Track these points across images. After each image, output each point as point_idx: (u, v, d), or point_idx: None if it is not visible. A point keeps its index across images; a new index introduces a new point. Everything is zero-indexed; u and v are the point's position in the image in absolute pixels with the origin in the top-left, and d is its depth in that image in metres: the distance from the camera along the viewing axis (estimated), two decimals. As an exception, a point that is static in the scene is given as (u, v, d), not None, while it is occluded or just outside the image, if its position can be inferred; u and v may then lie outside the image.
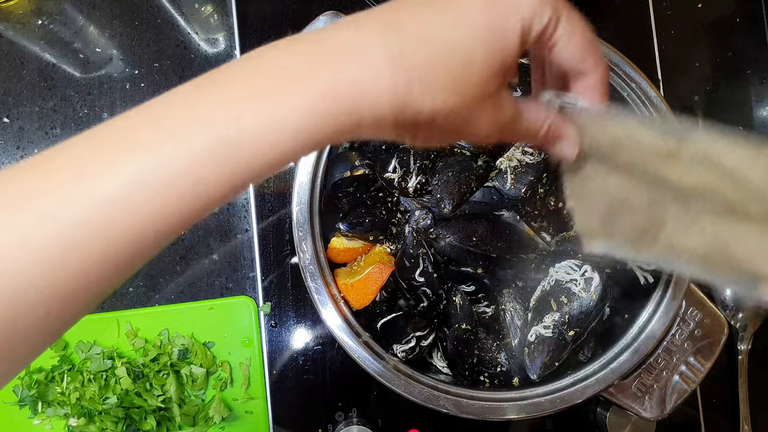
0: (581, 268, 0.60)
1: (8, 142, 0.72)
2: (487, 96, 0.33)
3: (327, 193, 0.62)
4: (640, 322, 0.59)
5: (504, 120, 0.35)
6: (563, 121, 0.38)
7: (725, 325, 0.63)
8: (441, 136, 0.34)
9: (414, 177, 0.61)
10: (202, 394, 0.69)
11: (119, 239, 0.26)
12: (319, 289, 0.59)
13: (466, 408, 0.57)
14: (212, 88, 0.28)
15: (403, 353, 0.59)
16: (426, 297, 0.62)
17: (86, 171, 0.26)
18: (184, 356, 0.68)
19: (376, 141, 0.64)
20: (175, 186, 0.27)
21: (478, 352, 0.62)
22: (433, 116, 0.31)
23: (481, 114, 0.33)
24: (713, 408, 0.74)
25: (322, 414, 0.70)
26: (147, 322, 0.69)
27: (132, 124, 0.28)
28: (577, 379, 0.59)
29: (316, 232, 0.60)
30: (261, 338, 0.71)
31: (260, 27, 0.75)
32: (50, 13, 0.73)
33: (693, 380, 0.61)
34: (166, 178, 0.26)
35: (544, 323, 0.59)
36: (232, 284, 0.72)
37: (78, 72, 0.73)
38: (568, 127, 0.38)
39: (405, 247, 0.62)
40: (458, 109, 0.32)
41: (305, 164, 0.60)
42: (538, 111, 0.37)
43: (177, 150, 0.27)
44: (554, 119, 0.37)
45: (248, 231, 0.72)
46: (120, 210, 0.26)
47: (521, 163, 0.62)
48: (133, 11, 0.74)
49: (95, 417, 0.65)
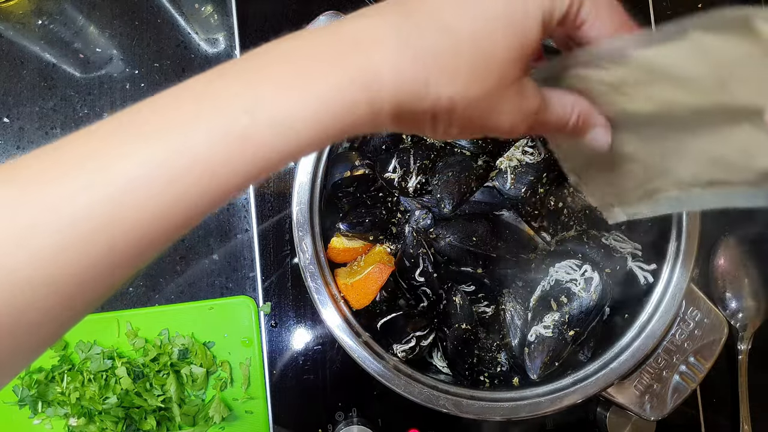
0: (581, 267, 0.60)
1: (8, 142, 0.72)
2: (508, 84, 0.32)
3: (327, 193, 0.62)
4: (640, 322, 0.59)
5: (529, 109, 0.34)
6: (592, 108, 0.37)
7: (725, 325, 0.63)
8: (462, 128, 0.33)
9: (414, 177, 0.61)
10: (202, 394, 0.69)
11: (121, 236, 0.26)
12: (319, 289, 0.59)
13: (466, 408, 0.57)
14: (228, 76, 0.28)
15: (403, 353, 0.59)
16: (426, 297, 0.62)
17: (86, 166, 0.26)
18: (184, 356, 0.68)
19: (377, 139, 0.64)
20: (180, 181, 0.26)
21: (478, 352, 0.62)
22: (452, 105, 0.31)
23: (504, 103, 0.32)
24: (713, 408, 0.74)
25: (322, 414, 0.70)
26: (147, 322, 0.69)
27: (134, 119, 0.27)
28: (577, 379, 0.59)
29: (316, 232, 0.60)
30: (261, 338, 0.71)
31: (260, 27, 0.75)
32: (50, 13, 0.73)
33: (693, 380, 0.61)
34: (170, 174, 0.26)
35: (544, 323, 0.59)
36: (232, 284, 0.72)
37: (78, 72, 0.73)
38: (598, 114, 0.37)
39: (405, 247, 0.62)
40: (479, 97, 0.31)
41: (305, 164, 0.60)
42: (564, 98, 0.36)
43: (184, 143, 0.26)
44: (583, 106, 0.36)
45: (248, 231, 0.72)
46: (122, 206, 0.25)
47: (521, 163, 0.62)
48: (133, 11, 0.74)
49: (95, 417, 0.65)
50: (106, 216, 0.25)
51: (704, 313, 0.62)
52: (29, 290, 0.25)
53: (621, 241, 0.63)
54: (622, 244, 0.63)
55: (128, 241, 0.26)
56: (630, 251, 0.62)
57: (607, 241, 0.63)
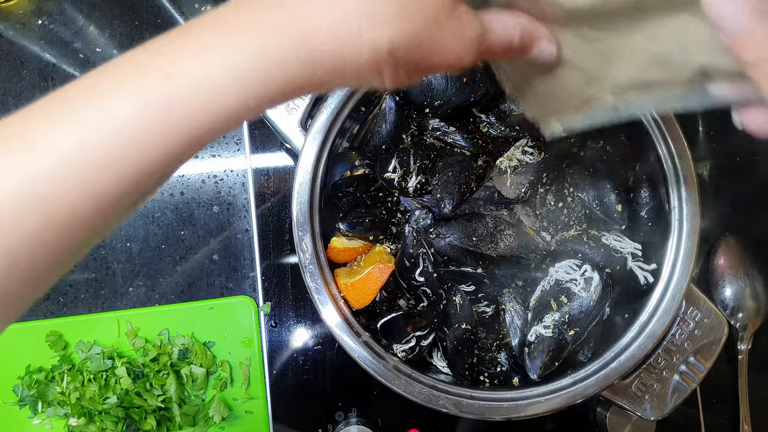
0: (581, 267, 0.60)
1: (8, 142, 0.72)
2: (442, 13, 0.31)
3: (327, 193, 0.62)
4: (640, 322, 0.59)
5: (471, 36, 0.33)
6: (532, 21, 0.36)
7: (725, 325, 0.63)
8: (410, 71, 0.32)
9: (414, 177, 0.61)
10: (202, 394, 0.69)
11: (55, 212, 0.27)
12: (319, 288, 0.59)
13: (466, 408, 0.57)
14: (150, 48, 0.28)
15: (403, 353, 0.59)
16: (426, 297, 0.62)
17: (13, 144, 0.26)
18: (184, 356, 0.68)
19: (377, 139, 0.64)
20: (108, 158, 0.26)
21: (478, 352, 0.62)
22: (391, 48, 0.30)
23: (444, 34, 0.32)
24: (713, 408, 0.74)
25: (322, 414, 0.70)
26: (147, 322, 0.69)
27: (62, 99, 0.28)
28: (577, 379, 0.58)
29: (316, 232, 0.60)
30: (261, 338, 0.71)
31: (260, 27, 0.75)
32: (50, 13, 0.73)
33: (693, 380, 0.61)
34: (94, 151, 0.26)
35: (544, 323, 0.59)
36: (232, 284, 0.72)
37: (78, 72, 0.73)
38: (539, 26, 0.36)
39: (405, 246, 0.62)
40: (415, 34, 0.30)
41: (305, 164, 0.60)
42: (504, 19, 0.35)
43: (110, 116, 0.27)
44: (524, 22, 0.35)
45: (248, 231, 0.72)
46: (51, 185, 0.26)
47: (521, 162, 0.62)
48: (133, 11, 0.74)
49: (95, 417, 0.65)
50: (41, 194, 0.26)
51: (704, 313, 0.62)
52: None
53: (621, 241, 0.63)
54: (622, 244, 0.63)
55: (62, 216, 0.27)
56: (630, 251, 0.62)
57: (607, 241, 0.63)
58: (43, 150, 0.26)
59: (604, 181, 0.63)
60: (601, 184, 0.63)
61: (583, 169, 0.64)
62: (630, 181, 0.64)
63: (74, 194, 0.26)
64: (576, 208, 0.65)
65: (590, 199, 0.64)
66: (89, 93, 0.27)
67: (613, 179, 0.63)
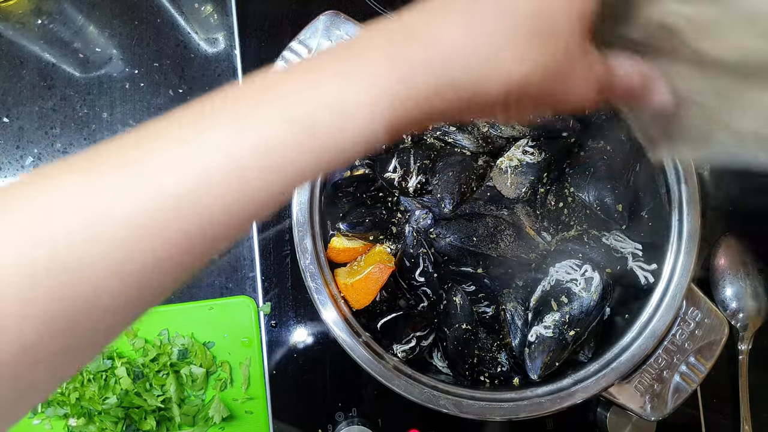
0: (581, 267, 0.60)
1: (8, 142, 0.72)
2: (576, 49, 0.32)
3: (327, 193, 0.62)
4: (640, 322, 0.59)
5: (597, 77, 0.34)
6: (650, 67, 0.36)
7: (725, 325, 0.63)
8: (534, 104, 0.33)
9: (414, 177, 0.61)
10: (202, 394, 0.69)
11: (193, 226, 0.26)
12: (319, 288, 0.59)
13: (466, 408, 0.57)
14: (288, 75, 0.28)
15: (403, 353, 0.59)
16: (426, 297, 0.61)
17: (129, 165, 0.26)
18: (183, 356, 0.68)
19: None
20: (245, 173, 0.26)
21: (478, 352, 0.62)
22: (527, 80, 0.30)
23: (573, 72, 0.32)
24: (713, 408, 0.74)
25: (322, 414, 0.70)
26: (147, 322, 0.69)
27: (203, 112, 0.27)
28: (577, 379, 0.58)
29: (316, 232, 0.60)
30: (261, 338, 0.71)
31: (260, 27, 0.75)
32: (50, 12, 0.73)
33: (693, 380, 0.61)
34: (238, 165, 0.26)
35: (544, 323, 0.59)
36: (232, 284, 0.72)
37: (78, 72, 0.73)
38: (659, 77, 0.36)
39: (405, 247, 0.62)
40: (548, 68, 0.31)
41: (305, 164, 0.60)
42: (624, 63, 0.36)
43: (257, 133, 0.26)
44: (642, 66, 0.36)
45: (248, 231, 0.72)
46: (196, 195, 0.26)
47: (521, 162, 0.61)
48: (133, 11, 0.74)
49: (95, 417, 0.65)
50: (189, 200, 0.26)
51: (704, 313, 0.62)
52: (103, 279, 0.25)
53: (621, 240, 0.63)
54: (623, 244, 0.63)
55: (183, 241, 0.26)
56: (630, 251, 0.62)
57: (607, 241, 0.63)
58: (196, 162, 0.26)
59: (604, 181, 0.63)
60: (601, 184, 0.63)
61: (583, 169, 0.64)
62: (630, 181, 0.64)
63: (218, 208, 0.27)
64: (576, 208, 0.64)
65: (591, 199, 0.63)
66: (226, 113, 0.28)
67: (614, 179, 0.63)
